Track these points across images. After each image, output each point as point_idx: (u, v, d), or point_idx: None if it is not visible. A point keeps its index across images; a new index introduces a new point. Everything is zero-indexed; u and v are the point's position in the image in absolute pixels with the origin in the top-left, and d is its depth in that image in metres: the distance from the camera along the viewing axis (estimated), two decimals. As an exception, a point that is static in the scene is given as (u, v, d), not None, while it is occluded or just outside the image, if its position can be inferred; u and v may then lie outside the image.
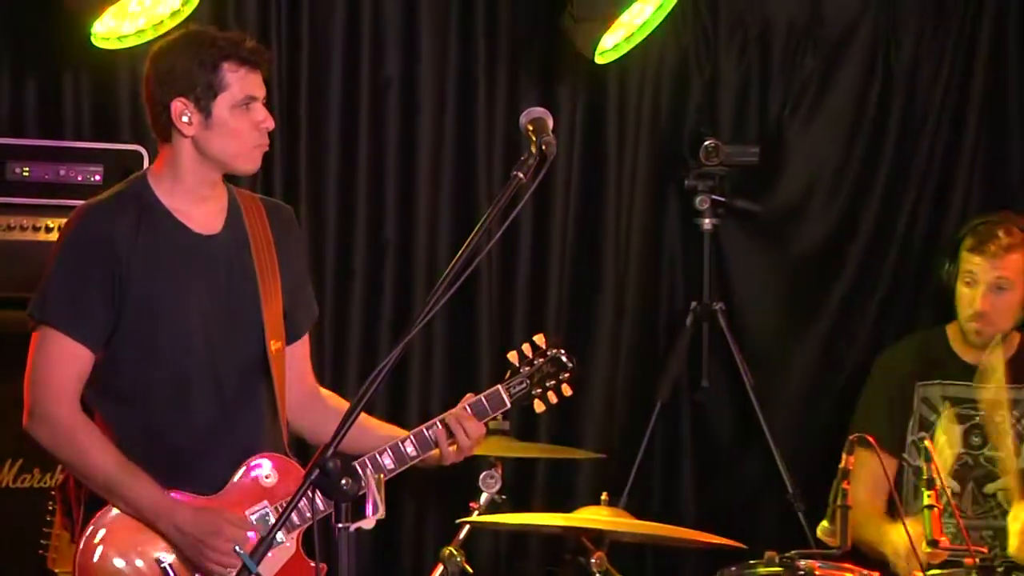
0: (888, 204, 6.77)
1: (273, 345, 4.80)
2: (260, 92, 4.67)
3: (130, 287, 4.59)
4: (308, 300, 4.96)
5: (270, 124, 4.67)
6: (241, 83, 4.59)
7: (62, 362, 4.60)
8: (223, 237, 4.79)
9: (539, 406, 4.67)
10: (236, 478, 4.65)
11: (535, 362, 4.67)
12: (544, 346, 4.67)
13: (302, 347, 4.93)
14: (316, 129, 6.34)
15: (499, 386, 4.65)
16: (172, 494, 4.57)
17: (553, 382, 4.67)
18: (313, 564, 4.59)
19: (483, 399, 4.66)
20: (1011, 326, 5.99)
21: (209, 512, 4.56)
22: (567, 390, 4.69)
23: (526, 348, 4.67)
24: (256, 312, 4.77)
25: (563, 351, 4.69)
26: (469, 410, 4.66)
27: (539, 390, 4.67)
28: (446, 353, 6.44)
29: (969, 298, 5.97)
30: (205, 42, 4.60)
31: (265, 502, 4.64)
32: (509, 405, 4.64)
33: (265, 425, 4.75)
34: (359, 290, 6.35)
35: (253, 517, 4.61)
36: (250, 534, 4.55)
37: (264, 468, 4.69)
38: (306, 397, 4.90)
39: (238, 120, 4.60)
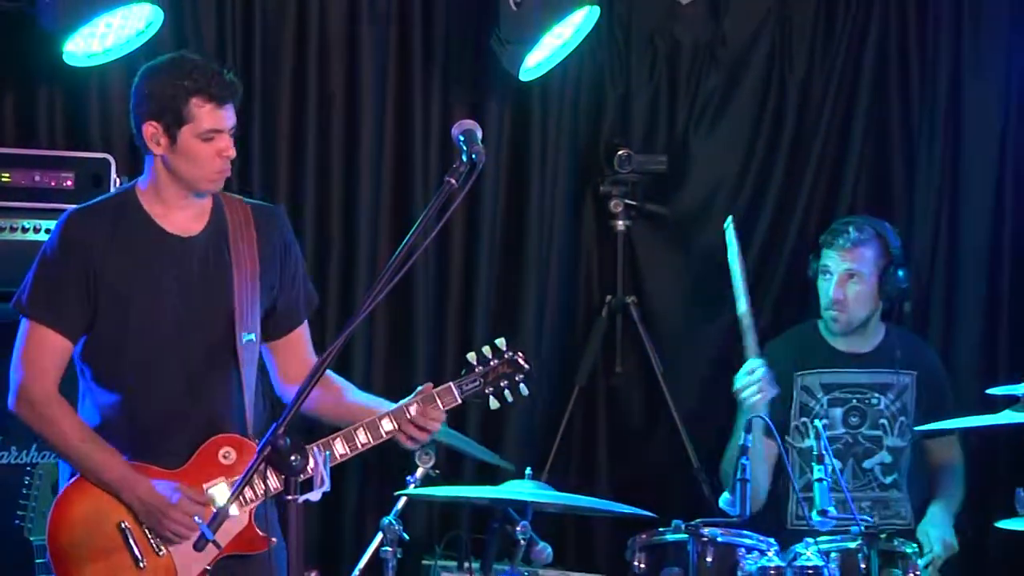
0: (782, 207, 6.81)
1: (244, 337, 4.78)
2: (225, 124, 4.70)
3: (104, 282, 4.61)
4: (303, 291, 4.96)
5: (231, 154, 4.71)
6: (208, 117, 4.62)
7: (41, 349, 4.63)
8: (200, 238, 4.79)
9: (494, 403, 4.64)
10: (197, 455, 4.63)
11: (492, 363, 4.64)
12: (503, 349, 4.65)
13: (302, 332, 4.96)
14: (267, 137, 6.36)
15: (451, 384, 4.62)
16: (136, 467, 4.58)
17: (507, 382, 4.63)
18: (263, 535, 4.62)
19: (435, 394, 4.64)
20: (866, 314, 6.07)
21: (168, 485, 4.56)
22: (523, 390, 4.65)
23: (486, 349, 4.65)
24: (227, 306, 4.76)
25: (521, 354, 4.66)
26: (421, 404, 4.64)
27: (492, 389, 4.63)
28: (386, 341, 6.46)
29: (825, 289, 6.06)
30: (182, 74, 4.62)
31: (222, 478, 4.63)
32: (459, 401, 4.61)
33: (231, 410, 4.74)
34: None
35: (210, 491, 4.60)
36: (207, 507, 4.55)
37: (224, 447, 4.68)
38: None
39: (200, 149, 4.64)
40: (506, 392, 4.65)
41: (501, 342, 4.65)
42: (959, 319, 6.83)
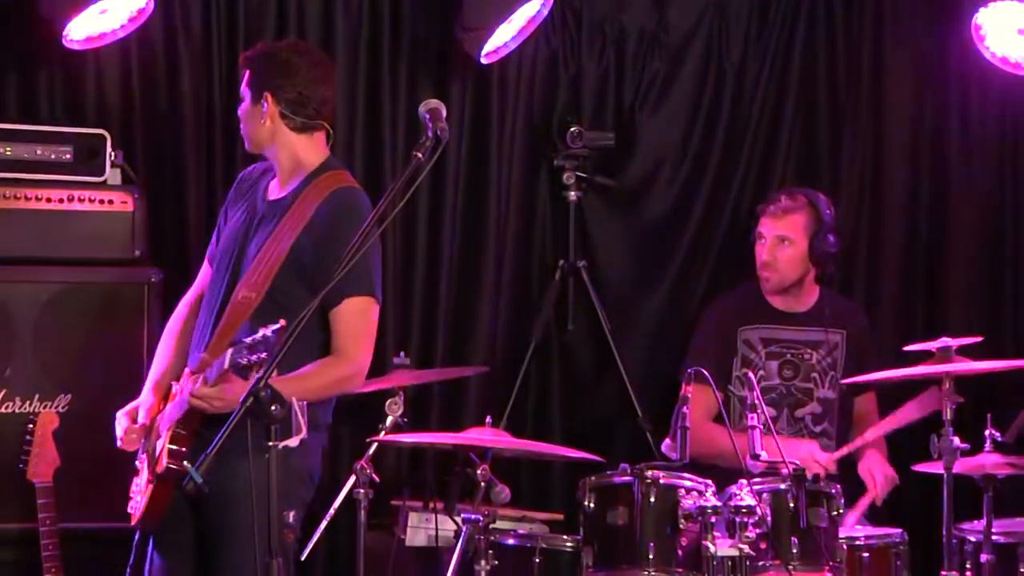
0: (720, 181, 6.82)
1: (242, 292, 4.75)
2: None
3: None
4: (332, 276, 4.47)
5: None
6: None
7: None
8: (276, 203, 4.88)
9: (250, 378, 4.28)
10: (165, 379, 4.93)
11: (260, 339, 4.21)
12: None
13: (334, 318, 4.78)
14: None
15: (229, 350, 4.32)
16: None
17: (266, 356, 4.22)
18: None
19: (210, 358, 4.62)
20: (796, 276, 6.12)
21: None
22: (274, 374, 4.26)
23: (267, 329, 4.20)
24: (247, 262, 4.80)
25: (276, 331, 4.18)
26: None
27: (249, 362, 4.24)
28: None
29: (759, 252, 6.09)
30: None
31: (170, 406, 4.80)
32: (227, 367, 4.31)
33: (208, 348, 4.77)
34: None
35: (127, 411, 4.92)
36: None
37: (181, 383, 4.78)
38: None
39: None
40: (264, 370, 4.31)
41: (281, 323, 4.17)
42: (879, 282, 6.86)
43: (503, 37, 6.33)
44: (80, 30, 5.81)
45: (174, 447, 4.67)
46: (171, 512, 4.80)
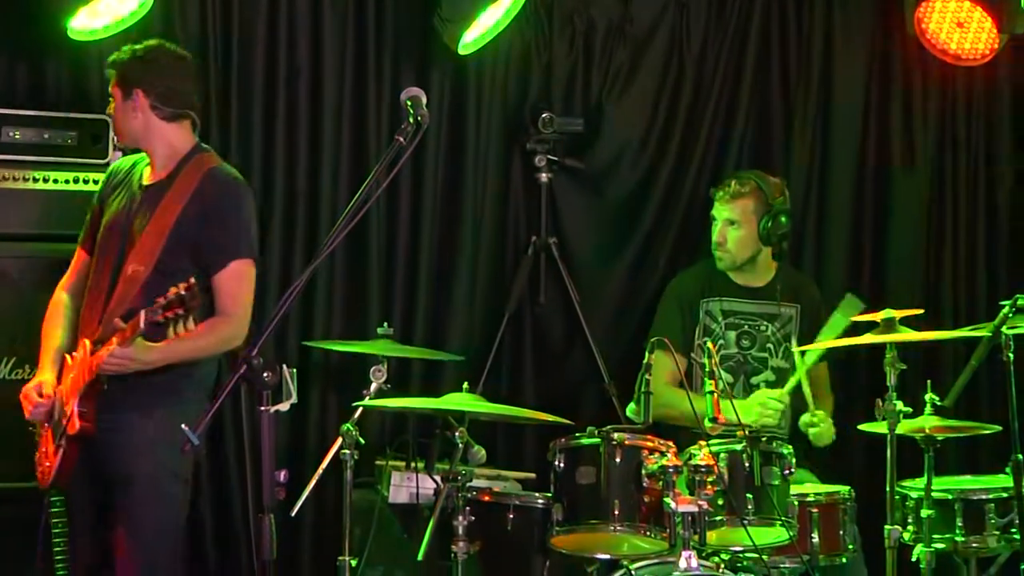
0: (680, 163, 6.82)
1: (130, 267, 4.92)
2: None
3: None
4: (215, 244, 4.95)
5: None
6: None
7: None
8: (153, 186, 5.04)
9: (171, 333, 4.58)
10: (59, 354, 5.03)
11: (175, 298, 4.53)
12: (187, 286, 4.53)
13: (218, 282, 4.96)
14: (243, 104, 6.33)
15: (143, 312, 4.55)
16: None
17: (181, 312, 4.53)
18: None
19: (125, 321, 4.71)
20: (748, 255, 6.14)
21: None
22: (191, 324, 4.57)
23: (174, 289, 4.53)
24: (133, 241, 4.95)
25: (187, 288, 4.50)
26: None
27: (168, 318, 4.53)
28: (345, 275, 6.44)
29: (712, 233, 6.10)
30: None
31: (69, 376, 4.92)
32: (142, 327, 4.56)
33: (103, 322, 4.90)
34: (277, 228, 6.33)
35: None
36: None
37: (77, 354, 4.92)
38: None
39: None
40: (179, 324, 4.55)
41: (187, 284, 4.49)
42: (827, 258, 6.87)
43: (479, 29, 6.32)
44: (83, 24, 5.79)
45: (83, 409, 4.85)
46: (76, 472, 4.95)
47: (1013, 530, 5.45)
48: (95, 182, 5.52)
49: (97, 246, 5.12)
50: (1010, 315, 5.15)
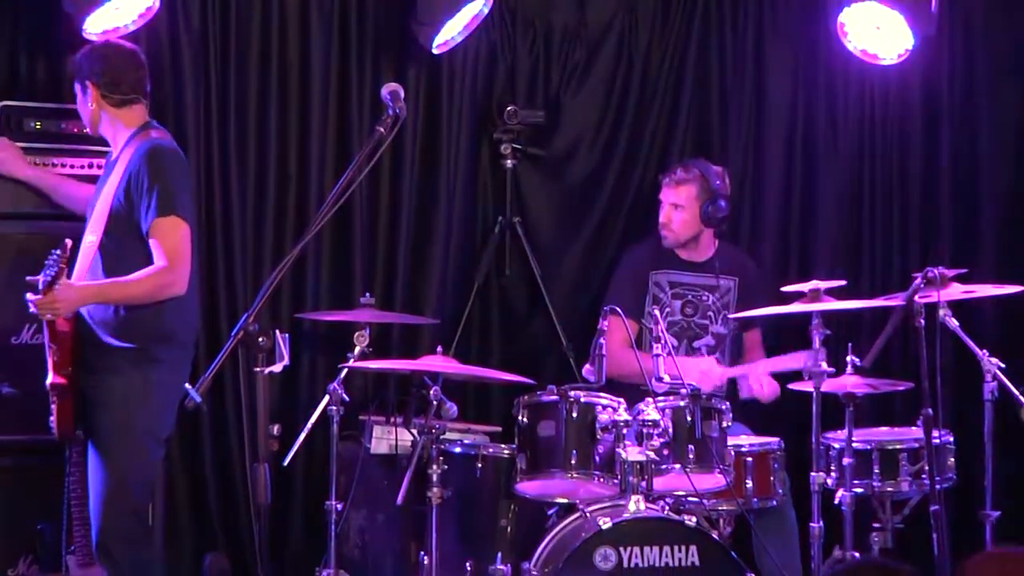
0: (630, 151, 6.80)
1: (87, 237, 5.01)
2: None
3: None
4: (142, 207, 4.96)
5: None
6: None
7: None
8: (109, 164, 5.15)
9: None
10: None
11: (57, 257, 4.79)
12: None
13: (151, 239, 4.96)
14: (240, 97, 6.28)
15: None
16: None
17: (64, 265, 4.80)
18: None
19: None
20: (690, 234, 6.15)
21: None
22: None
23: (57, 250, 4.79)
24: (91, 214, 5.04)
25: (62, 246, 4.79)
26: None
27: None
28: (330, 251, 6.42)
29: (660, 214, 6.10)
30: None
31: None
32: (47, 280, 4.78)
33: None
34: (271, 208, 6.31)
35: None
36: None
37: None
38: None
39: None
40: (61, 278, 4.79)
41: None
42: (761, 235, 6.87)
43: (451, 31, 6.29)
44: (97, 24, 5.72)
45: (56, 360, 4.92)
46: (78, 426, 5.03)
47: (924, 476, 5.48)
48: (100, 167, 5.49)
49: None
50: (921, 286, 5.17)
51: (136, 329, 4.95)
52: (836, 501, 5.60)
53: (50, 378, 4.94)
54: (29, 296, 4.83)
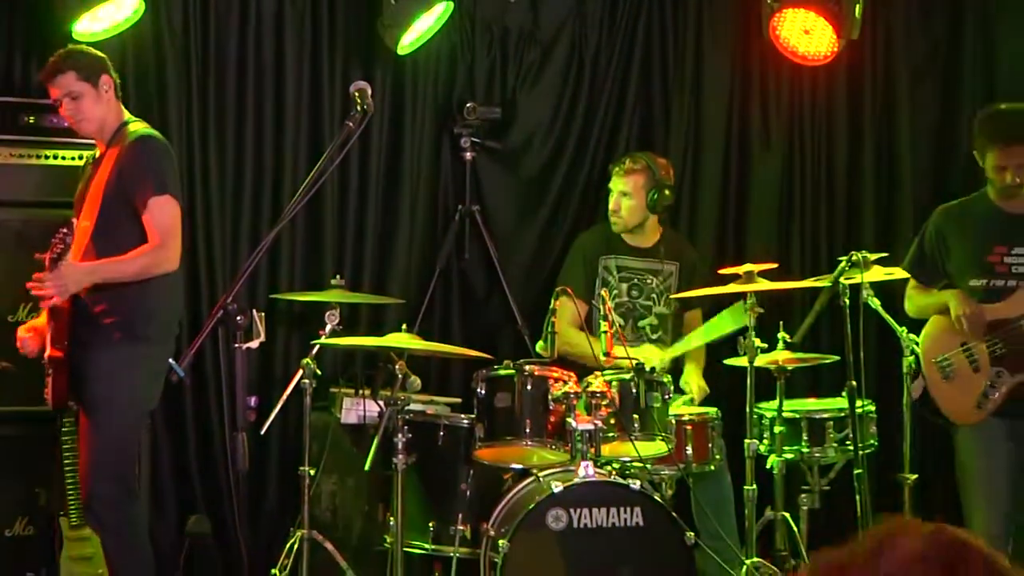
0: (580, 144, 6.80)
1: (81, 223, 4.99)
2: (57, 96, 5.10)
3: None
4: (134, 190, 4.96)
5: (63, 113, 5.15)
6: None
7: None
8: (98, 158, 5.11)
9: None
10: None
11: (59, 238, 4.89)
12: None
13: (144, 218, 4.96)
14: (220, 96, 6.27)
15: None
16: None
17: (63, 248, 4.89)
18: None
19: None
20: (637, 221, 6.14)
21: None
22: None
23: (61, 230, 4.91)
24: (84, 202, 5.03)
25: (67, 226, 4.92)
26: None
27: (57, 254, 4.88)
28: (304, 236, 6.40)
29: (608, 201, 6.11)
30: None
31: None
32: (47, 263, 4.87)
33: None
34: (248, 196, 6.29)
35: None
36: None
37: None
38: None
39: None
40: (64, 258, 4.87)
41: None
42: (699, 221, 6.89)
43: (415, 33, 6.27)
44: (87, 25, 5.70)
45: (54, 335, 4.93)
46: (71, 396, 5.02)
47: (848, 443, 5.51)
48: (86, 159, 5.46)
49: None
50: (846, 268, 5.19)
51: (123, 306, 4.93)
52: (768, 466, 5.64)
53: (48, 351, 4.93)
54: (36, 276, 4.85)
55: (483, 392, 5.18)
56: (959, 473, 5.43)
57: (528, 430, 5.10)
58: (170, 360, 4.28)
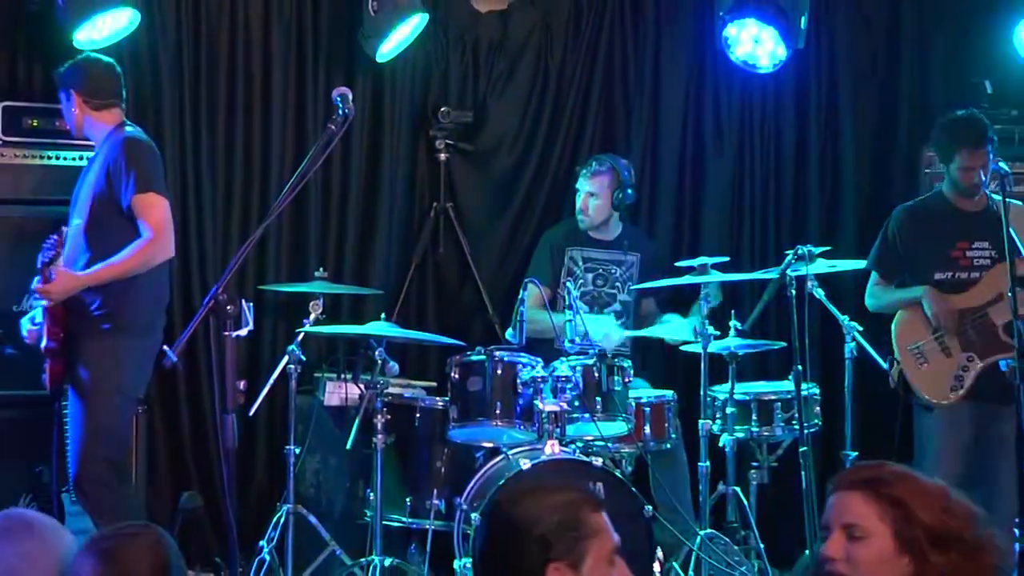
0: (546, 147, 6.79)
1: (74, 220, 5.00)
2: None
3: None
4: (121, 189, 4.93)
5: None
6: None
7: None
8: (91, 160, 5.12)
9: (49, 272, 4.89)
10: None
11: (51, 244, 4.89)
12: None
13: (134, 215, 4.93)
14: (211, 102, 6.26)
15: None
16: None
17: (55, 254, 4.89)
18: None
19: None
20: (603, 218, 6.17)
21: None
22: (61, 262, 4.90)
23: (52, 236, 4.91)
24: (77, 202, 5.01)
25: (59, 232, 4.93)
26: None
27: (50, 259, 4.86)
28: (289, 233, 6.40)
29: (576, 200, 6.12)
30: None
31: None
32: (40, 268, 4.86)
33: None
34: (238, 194, 6.29)
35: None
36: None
37: None
38: None
39: None
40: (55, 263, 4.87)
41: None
42: (657, 217, 6.89)
43: (393, 43, 6.26)
44: (87, 35, 5.68)
45: (50, 326, 4.92)
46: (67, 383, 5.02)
47: (794, 423, 5.55)
48: (86, 160, 5.44)
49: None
50: (792, 261, 5.23)
51: (111, 299, 4.92)
52: (720, 444, 5.66)
53: (44, 342, 4.90)
54: (37, 288, 4.86)
55: (456, 376, 5.20)
56: (917, 450, 5.51)
57: (498, 412, 5.12)
58: (164, 347, 4.27)
